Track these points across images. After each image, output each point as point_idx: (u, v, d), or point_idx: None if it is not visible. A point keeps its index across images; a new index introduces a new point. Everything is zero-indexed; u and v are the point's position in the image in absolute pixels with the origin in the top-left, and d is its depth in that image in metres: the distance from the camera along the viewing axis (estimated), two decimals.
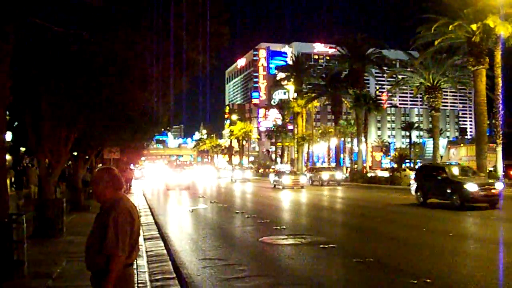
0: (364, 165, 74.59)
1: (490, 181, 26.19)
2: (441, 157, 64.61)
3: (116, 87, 15.61)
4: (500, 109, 41.88)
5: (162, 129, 51.12)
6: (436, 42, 42.97)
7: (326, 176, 54.63)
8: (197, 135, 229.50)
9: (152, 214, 23.42)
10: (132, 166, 73.36)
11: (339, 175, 56.77)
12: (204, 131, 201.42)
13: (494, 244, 14.63)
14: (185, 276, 10.75)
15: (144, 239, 15.16)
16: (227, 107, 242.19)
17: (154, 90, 19.40)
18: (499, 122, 41.93)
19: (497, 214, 22.46)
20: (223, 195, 43.07)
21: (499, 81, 41.01)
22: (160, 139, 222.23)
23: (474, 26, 39.43)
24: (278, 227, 18.30)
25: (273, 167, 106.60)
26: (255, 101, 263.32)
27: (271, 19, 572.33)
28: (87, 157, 28.49)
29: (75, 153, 26.28)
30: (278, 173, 54.62)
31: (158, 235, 16.44)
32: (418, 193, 27.46)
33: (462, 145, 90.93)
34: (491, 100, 42.70)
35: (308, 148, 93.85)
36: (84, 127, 19.49)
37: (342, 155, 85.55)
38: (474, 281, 9.99)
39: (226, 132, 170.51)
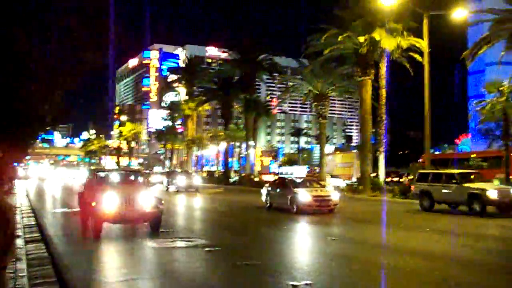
0: (254, 169, 75.47)
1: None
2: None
3: None
4: (384, 118, 43.59)
5: (48, 128, 49.45)
6: (325, 52, 44.03)
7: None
8: (85, 135, 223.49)
9: (35, 215, 22.57)
10: (15, 165, 70.41)
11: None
12: (93, 131, 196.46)
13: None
14: (67, 280, 10.43)
15: (26, 242, 14.58)
16: (117, 108, 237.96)
17: (38, 87, 18.76)
18: (383, 131, 43.62)
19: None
20: None
21: (383, 91, 42.73)
22: (46, 138, 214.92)
23: (361, 38, 40.73)
24: (165, 230, 18.13)
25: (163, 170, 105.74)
26: (146, 102, 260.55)
27: (164, 20, 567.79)
28: None
29: None
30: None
31: (40, 237, 15.86)
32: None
33: (337, 152, 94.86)
34: (376, 110, 44.29)
35: (198, 151, 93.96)
36: None
37: (231, 159, 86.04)
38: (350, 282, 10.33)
39: (115, 132, 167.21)
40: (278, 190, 27.86)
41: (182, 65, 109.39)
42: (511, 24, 36.47)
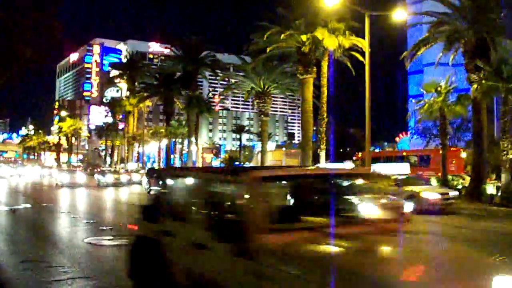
0: (196, 166, 75.14)
1: None
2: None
3: None
4: (325, 116, 44.07)
5: None
6: (268, 49, 44.16)
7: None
8: (23, 131, 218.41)
9: None
10: None
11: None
12: (31, 127, 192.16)
13: None
14: (3, 280, 10.17)
15: None
16: (57, 103, 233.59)
17: None
18: (324, 129, 44.06)
19: None
20: (48, 194, 41.42)
21: (325, 90, 43.14)
22: None
23: (304, 37, 41.02)
24: (104, 228, 17.89)
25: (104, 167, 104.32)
26: (86, 97, 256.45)
27: (106, 14, 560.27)
28: None
29: None
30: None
31: None
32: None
33: (269, 150, 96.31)
34: (318, 108, 44.72)
35: (139, 148, 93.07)
36: None
37: (172, 156, 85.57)
38: None
39: (55, 128, 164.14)
40: None
41: (124, 60, 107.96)
42: (448, 26, 37.49)
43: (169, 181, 9.15)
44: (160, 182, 10.69)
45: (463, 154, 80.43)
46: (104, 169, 71.47)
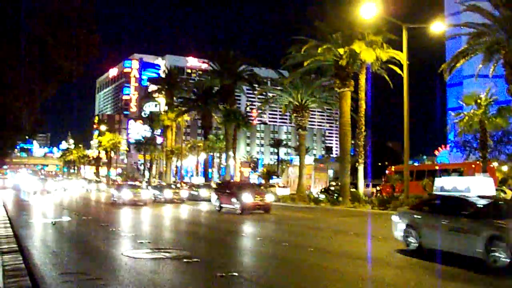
0: (233, 180, 75.38)
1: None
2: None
3: None
4: (363, 130, 43.86)
5: (26, 137, 49.06)
6: (305, 63, 44.21)
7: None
8: (64, 145, 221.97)
9: (12, 226, 22.27)
10: None
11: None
12: (72, 141, 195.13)
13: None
14: None
15: (2, 253, 14.37)
16: (97, 117, 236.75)
17: (16, 96, 18.57)
18: (362, 142, 43.84)
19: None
20: (87, 207, 41.96)
21: (363, 103, 43.01)
22: (25, 147, 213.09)
23: (341, 50, 41.01)
24: (143, 241, 18.01)
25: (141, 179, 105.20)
26: (125, 112, 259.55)
27: (145, 30, 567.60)
28: None
29: None
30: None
31: (17, 248, 15.64)
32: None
33: (295, 165, 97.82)
34: (355, 121, 44.53)
35: (177, 162, 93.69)
36: None
37: (210, 170, 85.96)
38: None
39: (94, 142, 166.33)
40: None
41: (162, 75, 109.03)
42: (488, 38, 36.92)
43: None
44: None
45: (505, 168, 79.20)
46: (161, 184, 66.96)
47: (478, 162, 48.86)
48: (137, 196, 42.22)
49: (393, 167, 55.09)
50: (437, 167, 47.36)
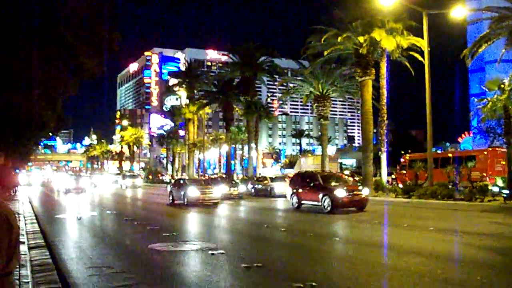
0: (256, 171, 75.48)
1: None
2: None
3: None
4: (385, 118, 43.62)
5: (50, 134, 49.51)
6: (325, 53, 44.06)
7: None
8: (87, 140, 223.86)
9: (38, 222, 22.51)
10: (18, 171, 70.27)
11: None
12: (94, 136, 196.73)
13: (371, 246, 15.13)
14: (71, 285, 10.41)
15: (29, 248, 14.53)
16: (118, 112, 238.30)
17: (39, 94, 18.76)
18: (384, 131, 43.62)
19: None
20: (112, 201, 42.22)
21: (384, 91, 42.74)
22: (48, 144, 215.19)
23: (361, 39, 40.78)
24: (168, 234, 18.10)
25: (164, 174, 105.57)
26: (147, 106, 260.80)
27: (164, 23, 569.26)
28: None
29: None
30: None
31: (44, 243, 15.81)
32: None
33: (309, 155, 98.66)
34: (377, 110, 44.31)
35: (199, 155, 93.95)
36: None
37: (233, 162, 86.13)
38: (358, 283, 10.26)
39: (116, 137, 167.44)
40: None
41: (182, 68, 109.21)
42: (510, 21, 36.45)
43: None
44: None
45: None
46: (211, 177, 61.27)
47: (490, 149, 48.88)
48: (207, 195, 33.22)
49: (407, 155, 54.82)
50: (450, 155, 47.16)
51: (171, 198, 36.08)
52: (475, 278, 10.56)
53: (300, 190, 29.38)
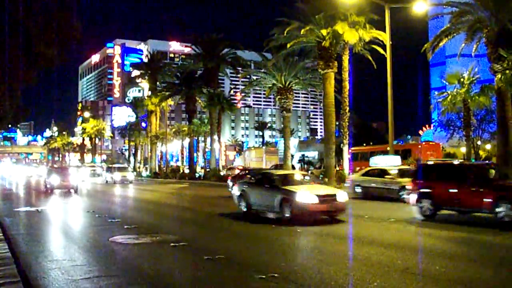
0: (219, 163, 75.44)
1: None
2: (292, 156, 67.82)
3: None
4: (347, 110, 43.94)
5: (9, 125, 48.61)
6: (288, 45, 44.03)
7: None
8: (48, 132, 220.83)
9: None
10: None
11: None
12: (55, 128, 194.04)
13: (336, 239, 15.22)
14: (31, 279, 10.26)
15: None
16: (80, 104, 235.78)
17: None
18: (346, 123, 43.94)
19: None
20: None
21: (347, 84, 43.04)
22: (8, 136, 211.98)
23: (324, 32, 40.85)
24: (130, 226, 17.98)
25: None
26: (109, 98, 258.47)
27: (127, 15, 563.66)
28: None
29: None
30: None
31: (3, 237, 15.54)
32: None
33: (252, 148, 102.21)
34: (339, 102, 44.56)
35: (162, 147, 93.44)
36: None
37: (196, 154, 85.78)
38: (319, 273, 10.30)
39: (78, 129, 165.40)
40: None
41: (145, 60, 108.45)
42: (470, 16, 36.99)
43: None
44: None
45: (488, 146, 79.82)
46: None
47: (424, 143, 51.61)
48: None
49: (352, 148, 56.59)
50: (388, 148, 48.92)
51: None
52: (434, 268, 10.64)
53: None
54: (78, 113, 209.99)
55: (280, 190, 19.58)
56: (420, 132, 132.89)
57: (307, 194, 18.51)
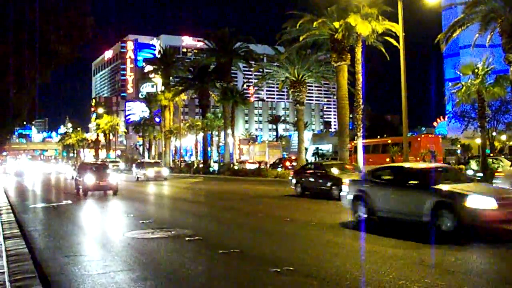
0: (233, 157, 75.49)
1: None
2: (306, 149, 67.75)
3: None
4: (361, 103, 43.78)
5: (24, 122, 48.93)
6: (301, 38, 43.97)
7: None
8: (62, 129, 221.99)
9: (13, 212, 22.28)
10: None
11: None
12: (70, 125, 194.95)
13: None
14: (47, 274, 10.35)
15: (4, 238, 14.39)
16: (94, 100, 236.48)
17: (12, 82, 18.48)
18: (360, 116, 43.76)
19: None
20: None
21: (360, 76, 42.82)
22: (23, 133, 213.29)
23: (337, 24, 40.72)
24: (145, 221, 18.06)
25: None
26: (122, 94, 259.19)
27: (139, 10, 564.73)
28: None
29: None
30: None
31: (20, 233, 15.65)
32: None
33: (256, 143, 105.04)
34: (353, 95, 44.39)
35: (176, 142, 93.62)
36: None
37: (210, 148, 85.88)
38: (334, 267, 10.30)
39: (92, 125, 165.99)
40: None
41: (157, 55, 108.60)
42: (484, 6, 36.64)
43: None
44: None
45: (503, 137, 79.23)
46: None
47: (423, 136, 51.93)
48: None
49: (353, 142, 56.41)
50: (389, 141, 48.88)
51: None
52: None
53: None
54: (92, 109, 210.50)
55: (432, 191, 14.25)
56: (435, 123, 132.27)
57: (482, 197, 13.26)
